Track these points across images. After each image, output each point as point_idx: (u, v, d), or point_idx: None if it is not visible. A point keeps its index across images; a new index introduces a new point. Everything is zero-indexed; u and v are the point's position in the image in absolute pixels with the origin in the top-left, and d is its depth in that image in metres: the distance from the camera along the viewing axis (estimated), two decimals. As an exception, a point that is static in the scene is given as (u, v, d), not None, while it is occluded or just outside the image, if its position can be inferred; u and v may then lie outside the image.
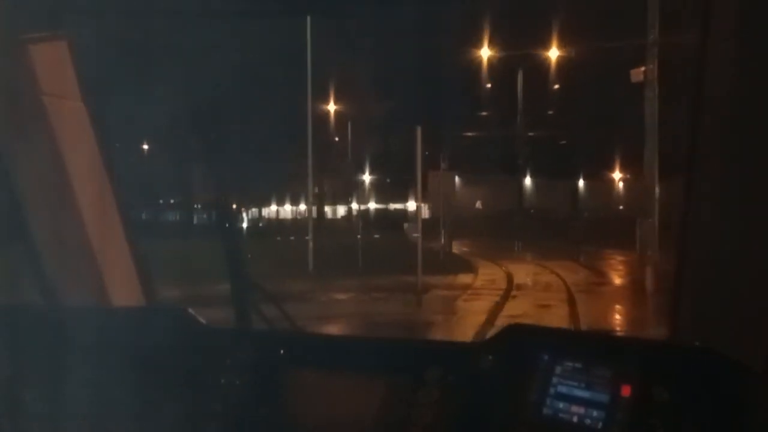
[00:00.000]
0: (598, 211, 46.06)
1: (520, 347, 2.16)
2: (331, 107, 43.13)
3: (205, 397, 2.46)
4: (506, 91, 35.73)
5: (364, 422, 2.27)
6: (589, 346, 2.13)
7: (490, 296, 20.84)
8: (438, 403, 2.18)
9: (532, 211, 48.45)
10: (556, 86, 37.02)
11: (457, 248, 35.23)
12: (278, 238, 38.33)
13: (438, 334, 15.42)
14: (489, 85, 35.81)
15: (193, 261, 17.16)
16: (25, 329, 2.73)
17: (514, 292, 21.68)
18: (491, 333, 2.41)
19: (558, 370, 2.07)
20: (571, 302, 19.64)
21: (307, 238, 27.28)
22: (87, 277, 2.95)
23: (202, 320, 2.65)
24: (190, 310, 2.65)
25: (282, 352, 2.51)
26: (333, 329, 15.52)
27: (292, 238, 35.32)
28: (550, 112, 40.09)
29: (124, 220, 3.06)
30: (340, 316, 16.63)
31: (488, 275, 26.34)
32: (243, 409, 2.43)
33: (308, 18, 22.54)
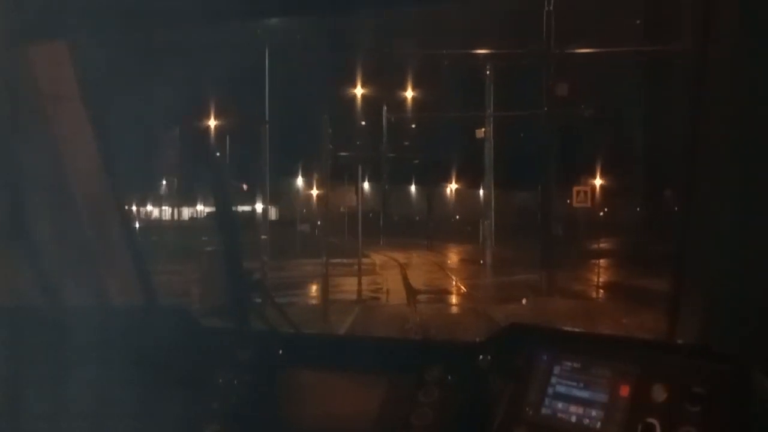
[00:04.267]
0: (447, 214, 50.32)
1: (519, 347, 1.89)
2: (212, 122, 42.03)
3: (205, 397, 2.14)
4: (374, 123, 37.85)
5: (364, 422, 1.98)
6: (588, 346, 1.86)
7: (394, 268, 27.64)
8: (438, 402, 1.91)
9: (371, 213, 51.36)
10: (413, 125, 41.00)
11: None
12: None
13: (384, 280, 23.05)
14: (363, 123, 38.29)
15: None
16: (25, 329, 2.39)
17: (405, 267, 27.91)
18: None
19: (557, 369, 1.81)
20: (442, 269, 27.71)
21: (263, 236, 28.37)
22: (87, 277, 2.64)
23: (202, 320, 2.27)
24: (190, 310, 2.25)
25: (281, 352, 2.21)
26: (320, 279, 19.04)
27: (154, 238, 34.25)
28: (407, 143, 43.16)
29: (124, 220, 2.75)
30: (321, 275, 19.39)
31: (379, 259, 31.18)
32: (243, 409, 2.12)
33: (266, 49, 22.23)
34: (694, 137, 1.81)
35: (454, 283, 23.65)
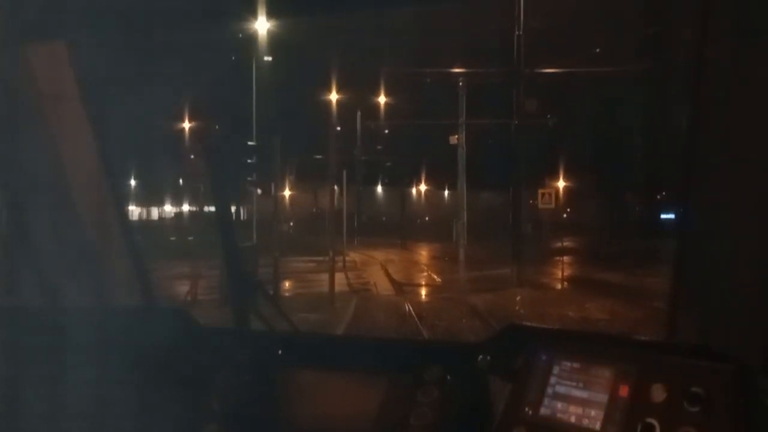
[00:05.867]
0: (419, 214, 52.14)
1: (519, 347, 1.78)
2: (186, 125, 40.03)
3: (205, 397, 2.01)
4: (349, 128, 37.96)
5: (364, 422, 1.85)
6: (587, 346, 1.74)
7: (374, 265, 28.00)
8: (437, 402, 1.79)
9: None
10: (386, 131, 41.39)
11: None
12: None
13: (368, 275, 23.73)
14: (339, 128, 38.35)
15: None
16: (25, 329, 2.26)
17: (384, 264, 28.11)
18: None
19: (556, 370, 1.70)
20: (419, 266, 28.90)
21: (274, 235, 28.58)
22: (87, 277, 2.50)
23: (201, 320, 2.17)
24: (190, 310, 2.11)
25: (280, 352, 2.07)
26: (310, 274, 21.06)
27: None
28: (379, 147, 43.68)
29: (124, 220, 2.63)
30: (321, 270, 20.21)
31: (358, 257, 31.23)
32: (242, 409, 1.99)
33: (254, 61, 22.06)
34: (693, 138, 1.73)
35: (434, 277, 24.54)
